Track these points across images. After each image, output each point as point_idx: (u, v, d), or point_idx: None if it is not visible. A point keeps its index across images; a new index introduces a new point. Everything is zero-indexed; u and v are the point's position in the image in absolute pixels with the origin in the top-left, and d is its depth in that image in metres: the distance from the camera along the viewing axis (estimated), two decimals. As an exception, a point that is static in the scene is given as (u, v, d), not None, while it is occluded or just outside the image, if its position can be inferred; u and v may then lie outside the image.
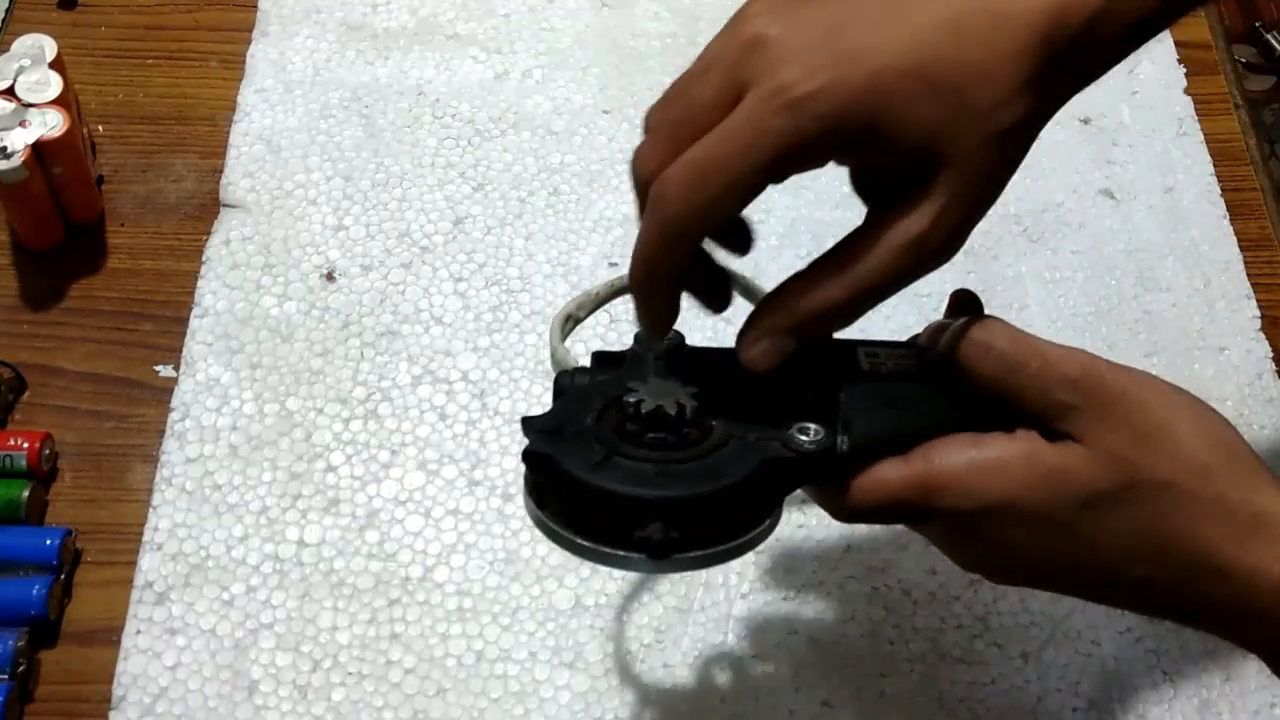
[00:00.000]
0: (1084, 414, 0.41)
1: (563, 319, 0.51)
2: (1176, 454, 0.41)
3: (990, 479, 0.42)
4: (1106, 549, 0.42)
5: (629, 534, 0.41)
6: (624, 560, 0.41)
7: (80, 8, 0.82)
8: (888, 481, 0.43)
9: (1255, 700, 0.62)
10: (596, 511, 0.41)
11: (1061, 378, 0.41)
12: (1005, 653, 0.63)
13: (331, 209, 0.75)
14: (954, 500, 0.42)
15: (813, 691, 0.61)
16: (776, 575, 0.64)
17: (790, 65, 0.39)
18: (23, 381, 0.68)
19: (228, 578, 0.62)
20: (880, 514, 0.44)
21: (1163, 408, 0.41)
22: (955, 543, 0.45)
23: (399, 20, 0.83)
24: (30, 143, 0.67)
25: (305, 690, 0.60)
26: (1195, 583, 0.41)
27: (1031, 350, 0.42)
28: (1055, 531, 0.42)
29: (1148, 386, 0.42)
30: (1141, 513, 0.41)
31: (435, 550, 0.64)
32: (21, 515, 0.62)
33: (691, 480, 0.41)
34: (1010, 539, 0.42)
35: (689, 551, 0.41)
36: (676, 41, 0.84)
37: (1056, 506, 0.41)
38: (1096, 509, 0.41)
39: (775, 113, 0.39)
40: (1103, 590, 0.45)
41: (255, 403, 0.67)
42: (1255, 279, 0.77)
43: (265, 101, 0.79)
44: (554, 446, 0.42)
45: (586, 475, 0.41)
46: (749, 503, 0.42)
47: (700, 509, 0.41)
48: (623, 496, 0.40)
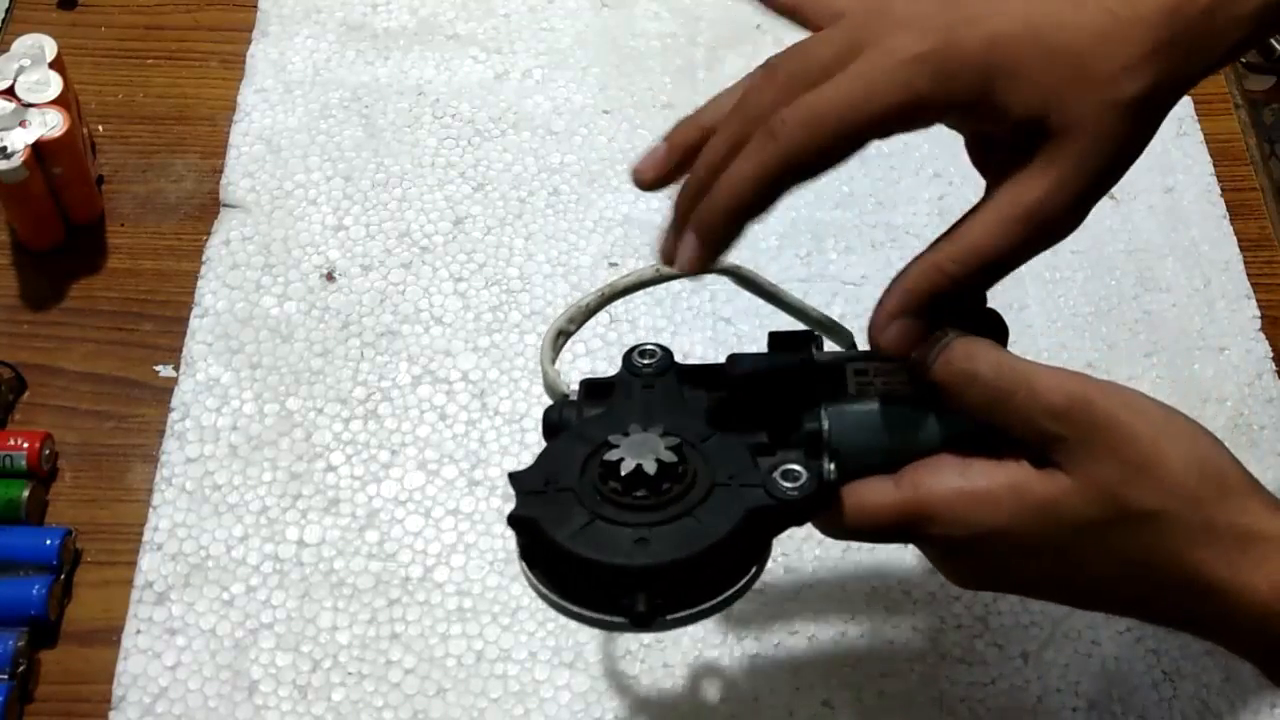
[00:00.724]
0: (1071, 445, 0.40)
1: (553, 336, 0.50)
2: (1164, 484, 0.40)
3: (979, 510, 0.42)
4: (1097, 573, 0.42)
5: (614, 600, 0.41)
6: (610, 624, 0.42)
7: (80, 8, 0.83)
8: (876, 507, 0.43)
9: (1255, 700, 0.62)
10: (581, 578, 0.41)
11: (1048, 408, 0.41)
12: (1005, 653, 0.63)
13: (331, 209, 0.75)
14: (943, 529, 0.42)
15: (813, 691, 0.61)
16: (776, 575, 0.64)
17: (908, 29, 0.40)
18: (23, 381, 0.68)
19: (228, 578, 0.62)
20: (868, 538, 0.44)
21: (1151, 437, 0.40)
22: (947, 562, 0.45)
23: (399, 20, 0.83)
24: (30, 143, 0.67)
25: (305, 690, 0.60)
26: (1183, 604, 0.41)
27: (1018, 378, 0.41)
28: (1044, 557, 0.42)
29: (1138, 412, 0.41)
30: (1130, 542, 0.41)
31: (435, 550, 0.64)
32: (21, 515, 0.62)
33: (674, 543, 0.41)
34: (1000, 562, 0.43)
35: (676, 613, 0.41)
36: (676, 41, 0.84)
37: (1045, 537, 0.41)
38: (1085, 538, 0.41)
39: (890, 69, 0.40)
40: (1094, 606, 0.45)
41: (255, 403, 0.67)
42: (1255, 279, 0.77)
43: (265, 101, 0.79)
44: (539, 509, 0.42)
45: (569, 543, 0.41)
46: (734, 556, 0.42)
47: (683, 573, 0.41)
48: (605, 566, 0.41)
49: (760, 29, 0.85)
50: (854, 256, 0.75)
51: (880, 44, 0.41)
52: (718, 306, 0.72)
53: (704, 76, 0.82)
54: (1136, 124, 0.41)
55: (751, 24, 0.85)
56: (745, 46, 0.84)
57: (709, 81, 0.82)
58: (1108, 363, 0.72)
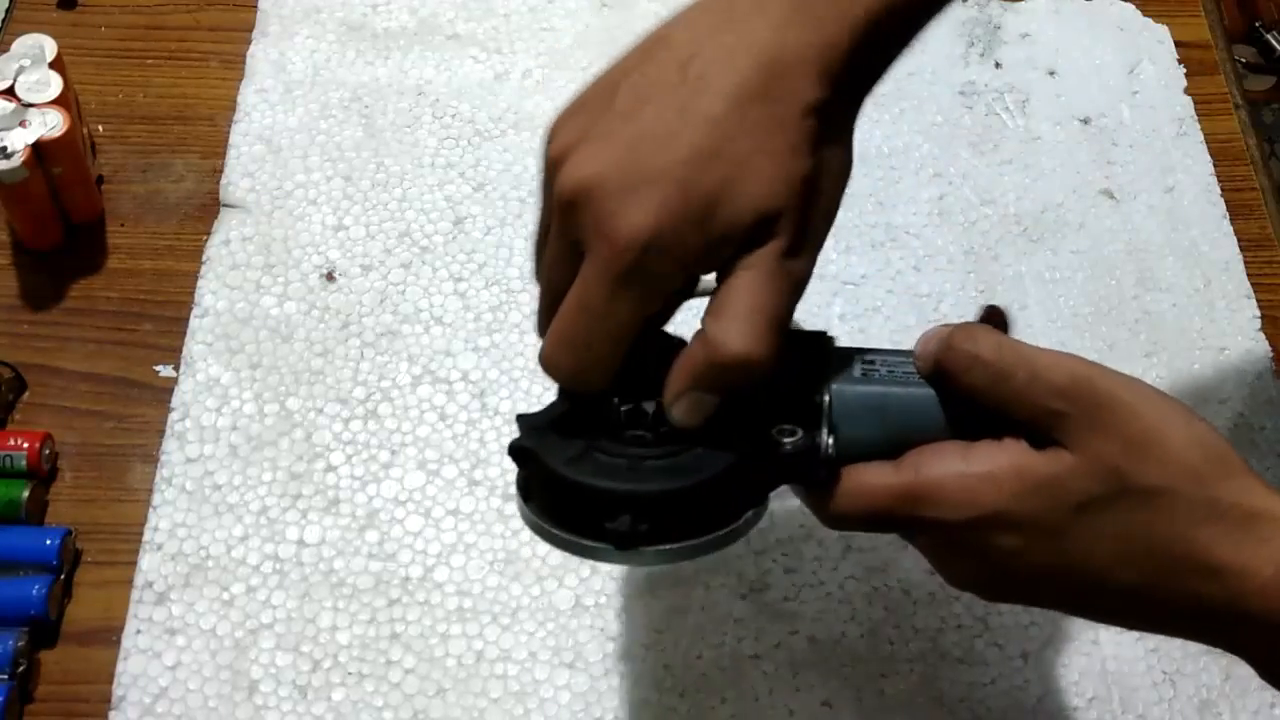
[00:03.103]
0: (1073, 421, 0.41)
1: None
2: (1168, 460, 0.40)
3: (979, 491, 0.42)
4: (1098, 555, 0.41)
5: (600, 526, 0.42)
6: (593, 550, 0.42)
7: (80, 8, 0.82)
8: (875, 488, 0.43)
9: (1255, 700, 0.62)
10: (570, 503, 0.42)
11: (1050, 386, 0.41)
12: (1005, 653, 0.63)
13: (331, 209, 0.75)
14: (941, 512, 0.42)
15: (813, 691, 0.61)
16: (776, 575, 0.64)
17: (614, 218, 0.41)
18: (23, 381, 0.68)
19: (228, 578, 0.62)
20: (867, 522, 0.44)
21: (1154, 414, 0.41)
22: (945, 556, 0.45)
23: (399, 20, 0.83)
24: (30, 143, 0.67)
25: (305, 690, 0.60)
26: (1186, 584, 0.41)
27: (1019, 359, 0.42)
28: (1045, 539, 0.42)
29: (1139, 393, 0.42)
30: (1133, 519, 0.41)
31: (435, 550, 0.64)
32: (21, 515, 0.62)
33: (663, 476, 0.42)
34: (1000, 549, 0.42)
35: (657, 545, 0.42)
36: (676, 41, 0.84)
37: (1047, 515, 0.41)
38: (1087, 516, 0.41)
39: (616, 278, 0.41)
40: (1093, 599, 0.44)
41: (255, 403, 0.67)
42: (1255, 279, 0.77)
43: (265, 101, 0.79)
44: (537, 441, 0.43)
45: (562, 468, 0.42)
46: (721, 500, 0.42)
47: (669, 504, 0.41)
48: (590, 488, 0.42)
49: (760, 29, 0.85)
50: (854, 256, 0.75)
51: (595, 247, 0.41)
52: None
53: (704, 76, 0.82)
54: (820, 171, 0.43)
55: (751, 24, 0.85)
56: (745, 46, 0.84)
57: (709, 81, 0.82)
58: (1107, 363, 0.70)
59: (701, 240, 0.41)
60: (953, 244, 0.76)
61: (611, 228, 0.41)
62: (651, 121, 0.42)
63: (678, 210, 0.41)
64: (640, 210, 0.40)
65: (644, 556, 0.42)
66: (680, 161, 0.41)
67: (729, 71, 0.42)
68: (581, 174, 0.41)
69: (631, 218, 0.40)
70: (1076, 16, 0.88)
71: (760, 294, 0.42)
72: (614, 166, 0.41)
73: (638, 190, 0.41)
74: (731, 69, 0.42)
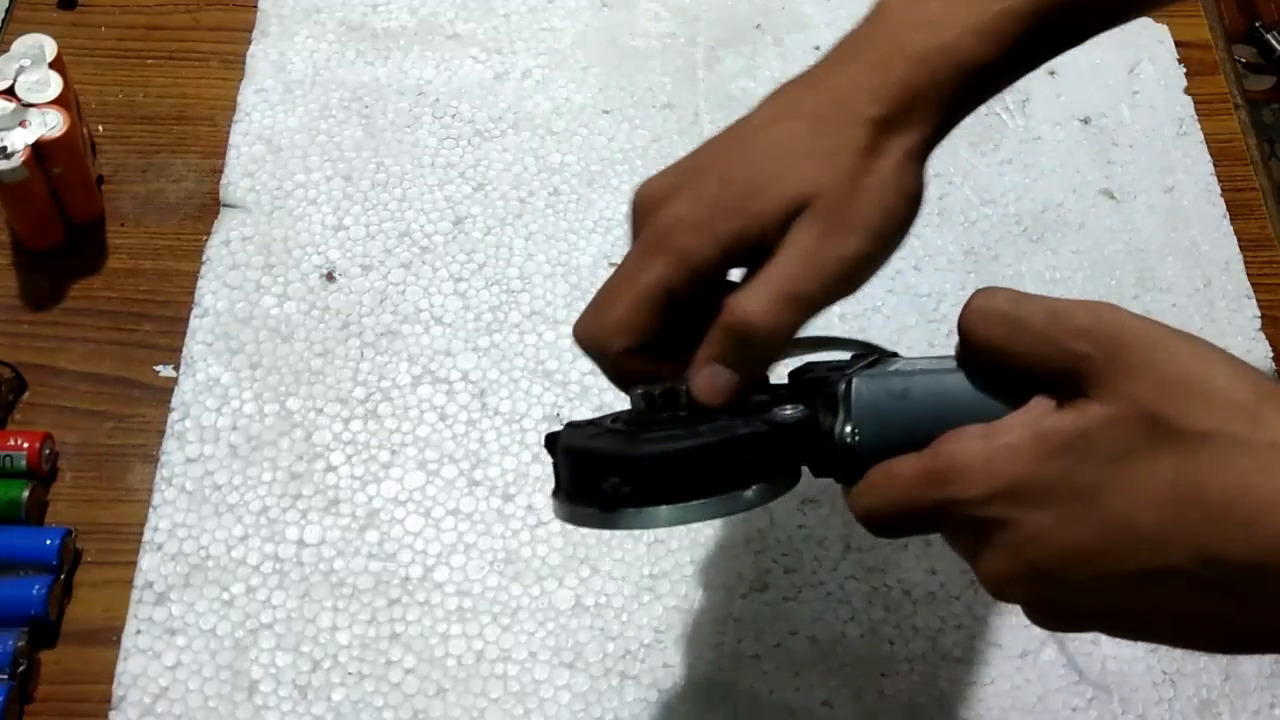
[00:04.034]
0: (1099, 363, 0.36)
1: None
2: (1213, 398, 0.35)
3: (998, 460, 0.38)
4: (1143, 522, 0.36)
5: (592, 490, 0.42)
6: (583, 516, 0.43)
7: (80, 8, 0.82)
8: (897, 476, 0.40)
9: (1255, 700, 0.62)
10: (570, 470, 0.43)
11: (1071, 327, 0.37)
12: (1005, 653, 0.63)
13: (331, 209, 0.75)
14: (964, 490, 0.38)
15: (813, 691, 0.61)
16: (776, 575, 0.64)
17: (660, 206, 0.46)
18: (23, 381, 0.68)
19: (228, 578, 0.62)
20: (898, 516, 0.41)
21: (1189, 351, 0.36)
22: (977, 549, 0.39)
23: (399, 20, 0.83)
24: (30, 143, 0.67)
25: (305, 690, 0.60)
26: (1258, 544, 0.34)
27: (1036, 305, 0.39)
28: (1078, 507, 0.36)
29: (1171, 332, 0.37)
30: (1181, 472, 0.35)
31: (435, 550, 0.64)
32: (21, 515, 0.62)
33: (656, 443, 0.42)
34: (1030, 528, 0.37)
35: (644, 505, 0.42)
36: (676, 41, 0.84)
37: (1075, 477, 0.36)
38: (1123, 472, 0.36)
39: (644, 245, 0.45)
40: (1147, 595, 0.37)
41: (255, 403, 0.67)
42: (1255, 279, 0.77)
43: (265, 101, 0.79)
44: (566, 430, 0.45)
45: (566, 440, 0.43)
46: (716, 467, 0.42)
47: (656, 467, 0.41)
48: (583, 452, 0.43)
49: (760, 29, 0.85)
50: (854, 256, 0.74)
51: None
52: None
53: (704, 76, 0.82)
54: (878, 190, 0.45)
55: (751, 24, 0.85)
56: (745, 46, 0.84)
57: (709, 81, 0.82)
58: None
59: (738, 223, 0.44)
60: (953, 244, 0.76)
61: (655, 217, 0.45)
62: (717, 147, 0.47)
63: (715, 196, 0.44)
64: (680, 202, 0.45)
65: (627, 519, 0.42)
66: (729, 163, 0.45)
67: (791, 104, 0.47)
68: (649, 191, 0.47)
69: (672, 204, 0.45)
70: (1076, 16, 0.88)
71: (784, 267, 0.43)
72: (674, 178, 0.46)
73: (683, 188, 0.45)
74: (794, 103, 0.47)
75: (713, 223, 0.44)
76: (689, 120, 0.80)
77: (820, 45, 0.84)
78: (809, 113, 0.46)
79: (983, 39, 0.46)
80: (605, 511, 0.42)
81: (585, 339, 0.46)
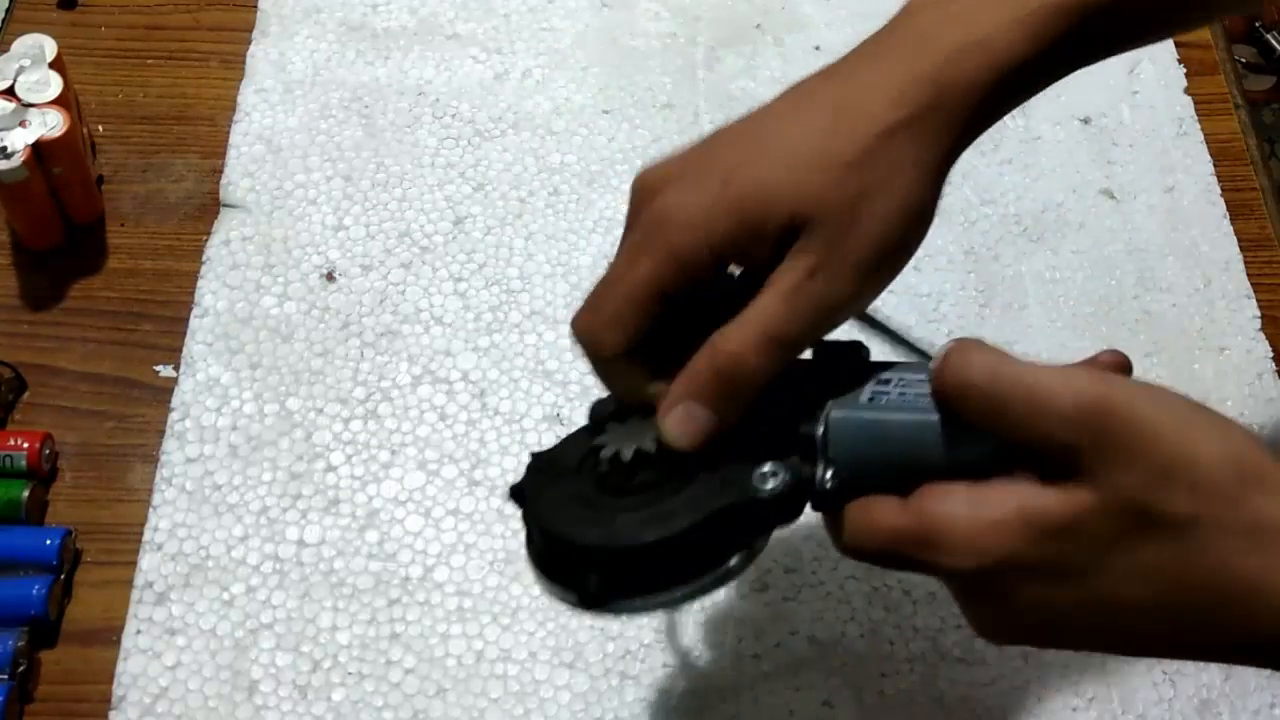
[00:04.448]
0: (1085, 453, 0.37)
1: None
2: (1198, 485, 0.36)
3: (986, 538, 0.39)
4: (1131, 596, 0.38)
5: (571, 575, 0.41)
6: (565, 599, 0.42)
7: (80, 8, 0.82)
8: (880, 528, 0.41)
9: (1255, 700, 0.62)
10: (546, 548, 0.43)
11: (1055, 416, 0.37)
12: (1005, 653, 0.63)
13: (331, 209, 0.75)
14: (951, 560, 0.39)
15: (813, 691, 0.61)
16: (776, 575, 0.64)
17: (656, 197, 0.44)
18: (23, 381, 0.68)
19: (228, 578, 0.62)
20: (880, 559, 0.42)
21: (1177, 433, 0.37)
22: (965, 601, 0.42)
23: (399, 20, 0.83)
24: (30, 143, 0.67)
25: (305, 690, 0.60)
26: (1234, 616, 0.37)
27: (1015, 385, 0.38)
28: (1068, 585, 0.38)
29: (1158, 409, 0.38)
30: (1165, 555, 0.37)
31: (435, 550, 0.64)
32: (21, 515, 0.62)
33: (634, 528, 0.41)
34: (1019, 596, 0.39)
35: (630, 599, 0.41)
36: (676, 41, 0.84)
37: (1065, 560, 0.38)
38: (1112, 557, 0.38)
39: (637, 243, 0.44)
40: (1133, 639, 0.41)
41: (255, 403, 0.67)
42: (1255, 279, 0.77)
43: (265, 101, 0.79)
44: (532, 481, 0.44)
45: (538, 512, 0.43)
46: (699, 550, 0.41)
47: (637, 559, 0.40)
48: (562, 539, 0.41)
49: (760, 29, 0.85)
50: (854, 256, 0.74)
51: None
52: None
53: (704, 76, 0.82)
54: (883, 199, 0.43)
55: (751, 24, 0.85)
56: (745, 46, 0.84)
57: (709, 81, 0.82)
58: (1108, 363, 0.72)
59: (734, 226, 0.42)
60: (953, 244, 0.76)
61: (650, 205, 0.44)
62: (726, 139, 0.45)
63: (714, 194, 0.42)
64: (678, 192, 0.43)
65: (612, 609, 0.42)
66: (735, 159, 0.43)
67: (809, 101, 0.45)
68: (649, 177, 0.45)
69: (668, 196, 0.43)
70: (1076, 16, 0.88)
71: (769, 307, 0.42)
72: (678, 166, 0.45)
73: (685, 178, 0.44)
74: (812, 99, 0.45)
75: (707, 222, 0.42)
76: (689, 120, 0.80)
77: (820, 45, 0.85)
78: (825, 111, 0.44)
79: (1020, 35, 0.43)
80: (587, 607, 0.41)
81: (580, 335, 0.45)
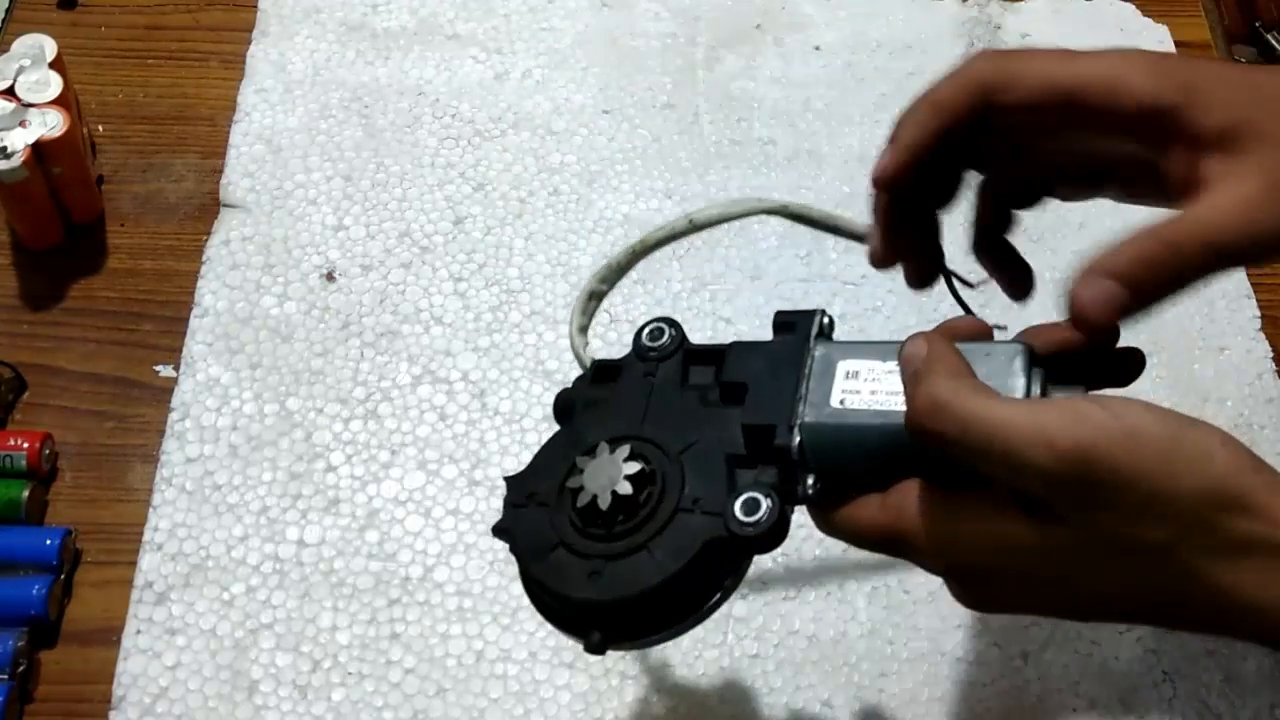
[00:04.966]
0: (1065, 504, 0.38)
1: (584, 300, 0.51)
2: (1175, 517, 0.37)
3: (960, 546, 0.40)
4: (1104, 593, 0.39)
5: (573, 627, 0.43)
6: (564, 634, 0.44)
7: (80, 8, 0.82)
8: (860, 524, 0.42)
9: (1255, 700, 0.62)
10: (543, 596, 0.44)
11: (1034, 470, 0.37)
12: (1005, 653, 0.63)
13: (331, 209, 0.75)
14: (923, 557, 0.41)
15: (813, 691, 0.61)
16: (776, 575, 0.64)
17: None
18: (23, 381, 0.68)
19: (228, 578, 0.62)
20: (862, 546, 0.43)
21: (1156, 469, 0.37)
22: (944, 577, 0.42)
23: (399, 20, 0.83)
24: (30, 143, 0.67)
25: (305, 690, 0.60)
26: (1205, 621, 0.39)
27: (991, 439, 0.37)
28: (1041, 588, 0.40)
29: (1141, 444, 0.37)
30: (1141, 571, 0.38)
31: (435, 550, 0.64)
32: (21, 515, 0.62)
33: (623, 579, 0.42)
34: (989, 590, 0.41)
35: (628, 641, 0.43)
36: (676, 41, 0.84)
37: (1039, 572, 0.39)
38: (1085, 572, 0.39)
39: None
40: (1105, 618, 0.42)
41: (255, 403, 0.67)
42: (1255, 279, 0.77)
43: (265, 101, 0.79)
44: (515, 521, 0.45)
45: (531, 566, 0.44)
46: (688, 587, 0.43)
47: (632, 608, 0.42)
48: (558, 595, 0.43)
49: (760, 29, 0.85)
50: (854, 256, 0.74)
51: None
52: (718, 306, 0.72)
53: (704, 76, 0.82)
54: None
55: (752, 24, 0.85)
56: (745, 46, 0.84)
57: (709, 81, 0.82)
58: (1108, 363, 0.72)
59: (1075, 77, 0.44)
60: (952, 244, 0.76)
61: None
62: None
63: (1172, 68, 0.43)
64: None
65: (616, 648, 0.44)
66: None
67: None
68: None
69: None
70: (1076, 16, 0.88)
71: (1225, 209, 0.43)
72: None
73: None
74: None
75: (1047, 64, 0.43)
76: (689, 120, 0.80)
77: (820, 45, 0.85)
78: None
79: None
80: (592, 654, 0.43)
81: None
